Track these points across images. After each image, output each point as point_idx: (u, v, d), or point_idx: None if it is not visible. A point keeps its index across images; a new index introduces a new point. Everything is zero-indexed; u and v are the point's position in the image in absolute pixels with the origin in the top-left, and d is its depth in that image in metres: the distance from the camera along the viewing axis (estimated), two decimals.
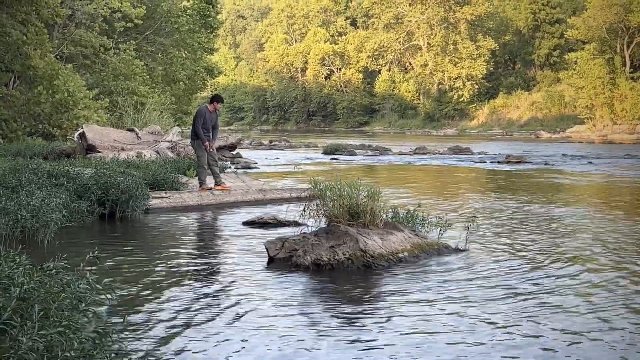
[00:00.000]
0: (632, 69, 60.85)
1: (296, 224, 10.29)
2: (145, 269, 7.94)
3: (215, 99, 14.47)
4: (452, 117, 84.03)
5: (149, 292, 6.82)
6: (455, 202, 14.73)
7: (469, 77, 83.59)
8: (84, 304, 4.23)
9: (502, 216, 12.48)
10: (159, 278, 7.43)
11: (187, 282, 7.30)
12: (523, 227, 11.24)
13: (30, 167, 12.65)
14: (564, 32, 71.40)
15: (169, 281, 7.30)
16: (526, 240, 9.88)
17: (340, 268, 7.77)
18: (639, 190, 18.00)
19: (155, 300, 6.50)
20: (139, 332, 5.46)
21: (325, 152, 33.90)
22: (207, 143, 14.14)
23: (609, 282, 7.35)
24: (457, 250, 8.90)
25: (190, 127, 14.80)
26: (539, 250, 9.10)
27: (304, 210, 8.85)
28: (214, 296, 6.73)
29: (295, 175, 21.09)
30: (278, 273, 7.71)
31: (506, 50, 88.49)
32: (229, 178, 16.15)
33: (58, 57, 29.10)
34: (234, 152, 26.81)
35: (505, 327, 5.77)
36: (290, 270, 7.80)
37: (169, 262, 8.32)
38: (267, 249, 8.28)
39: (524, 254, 8.88)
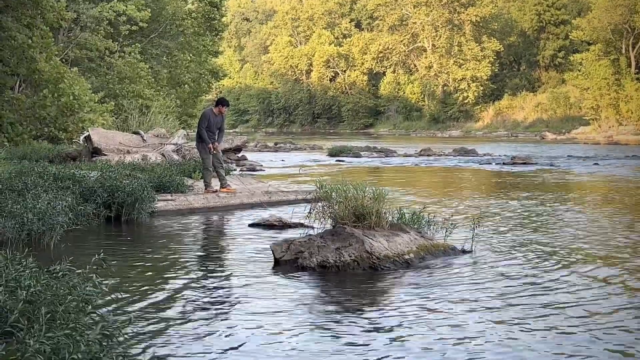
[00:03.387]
0: (637, 70, 60.68)
1: (302, 226, 10.29)
2: (151, 271, 7.94)
3: (220, 102, 14.52)
4: (457, 118, 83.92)
5: (154, 294, 6.82)
6: (461, 203, 14.72)
7: (474, 78, 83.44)
8: (90, 307, 4.24)
9: (508, 217, 12.46)
10: (164, 281, 7.44)
11: (193, 284, 7.30)
12: (529, 228, 11.23)
13: (36, 170, 12.68)
14: (569, 34, 71.27)
15: (175, 284, 7.30)
16: (532, 242, 9.86)
17: (346, 270, 7.76)
18: None
19: (161, 303, 6.50)
20: (145, 335, 5.46)
21: (331, 154, 33.88)
22: (210, 145, 14.17)
23: (616, 282, 7.33)
24: (463, 252, 8.90)
25: (196, 130, 14.84)
26: (545, 251, 9.08)
27: (309, 212, 8.86)
28: (220, 299, 6.73)
29: (300, 177, 21.09)
30: (284, 275, 7.70)
31: (511, 51, 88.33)
32: (235, 180, 16.16)
33: (63, 60, 29.13)
34: (239, 155, 26.83)
35: (512, 328, 5.76)
36: (296, 272, 7.79)
37: (174, 265, 8.33)
38: (272, 251, 8.28)
39: (530, 255, 8.86)
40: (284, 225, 11.10)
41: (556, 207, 14.03)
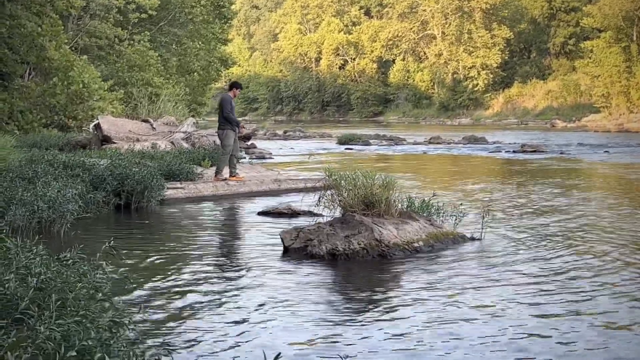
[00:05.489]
0: None
1: (311, 214, 10.28)
2: (160, 259, 7.97)
3: (235, 85, 14.68)
4: (466, 106, 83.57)
5: (164, 282, 6.85)
6: (470, 191, 14.69)
7: (484, 66, 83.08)
8: (100, 294, 4.25)
9: (517, 205, 12.43)
10: (174, 268, 7.46)
11: (202, 272, 7.32)
12: (538, 216, 11.20)
13: (46, 158, 12.72)
14: (580, 21, 70.76)
15: (184, 271, 7.32)
16: (542, 230, 9.84)
17: (356, 258, 7.76)
18: None
19: (171, 290, 6.52)
20: (155, 322, 5.48)
21: (340, 142, 33.86)
22: (242, 124, 14.35)
23: (623, 270, 7.31)
24: (473, 240, 8.89)
25: (218, 117, 14.57)
26: (555, 239, 9.06)
27: (318, 200, 8.85)
28: (230, 287, 6.74)
29: (309, 165, 21.08)
30: (293, 263, 7.72)
31: (521, 39, 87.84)
32: (244, 168, 16.17)
33: (73, 48, 29.15)
34: (249, 143, 26.86)
35: (520, 316, 5.75)
36: (306, 260, 7.80)
37: (184, 253, 8.35)
38: (282, 239, 8.29)
39: (540, 243, 8.84)
40: (293, 213, 11.11)
41: (566, 195, 13.99)
